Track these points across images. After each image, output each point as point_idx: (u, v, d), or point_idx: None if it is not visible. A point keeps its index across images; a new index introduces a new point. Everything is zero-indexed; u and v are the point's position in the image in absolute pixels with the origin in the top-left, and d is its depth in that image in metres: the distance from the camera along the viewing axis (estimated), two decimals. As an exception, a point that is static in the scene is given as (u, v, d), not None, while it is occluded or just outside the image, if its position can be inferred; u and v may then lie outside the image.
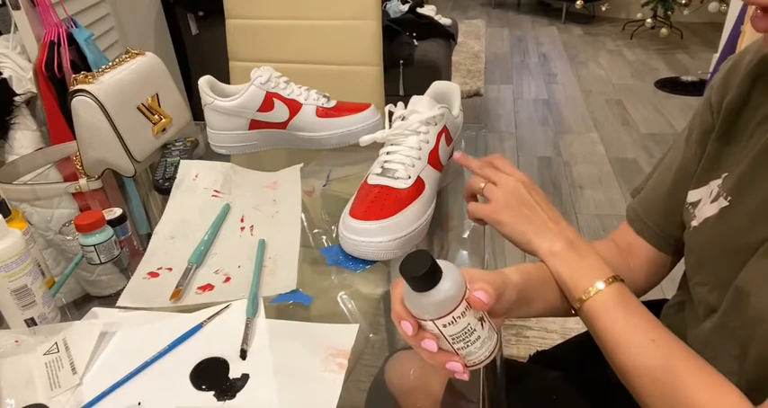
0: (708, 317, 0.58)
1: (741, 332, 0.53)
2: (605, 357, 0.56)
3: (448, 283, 0.44)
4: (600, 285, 0.56)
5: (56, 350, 0.61)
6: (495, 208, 0.65)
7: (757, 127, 0.56)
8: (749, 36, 2.11)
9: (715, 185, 0.59)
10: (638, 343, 0.53)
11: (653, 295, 0.73)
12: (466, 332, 0.46)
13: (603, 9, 4.84)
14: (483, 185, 0.67)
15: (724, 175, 0.58)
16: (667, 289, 0.77)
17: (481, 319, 0.48)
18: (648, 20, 4.28)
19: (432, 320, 0.45)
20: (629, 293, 0.57)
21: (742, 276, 0.53)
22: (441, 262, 0.45)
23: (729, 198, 0.56)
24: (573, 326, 1.60)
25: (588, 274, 0.58)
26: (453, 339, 0.47)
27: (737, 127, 0.58)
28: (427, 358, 0.49)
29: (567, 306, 0.61)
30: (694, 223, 0.60)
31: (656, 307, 0.74)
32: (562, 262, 0.60)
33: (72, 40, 1.58)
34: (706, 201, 0.59)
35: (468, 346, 0.47)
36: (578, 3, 4.54)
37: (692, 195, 0.62)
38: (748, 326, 0.52)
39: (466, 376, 0.49)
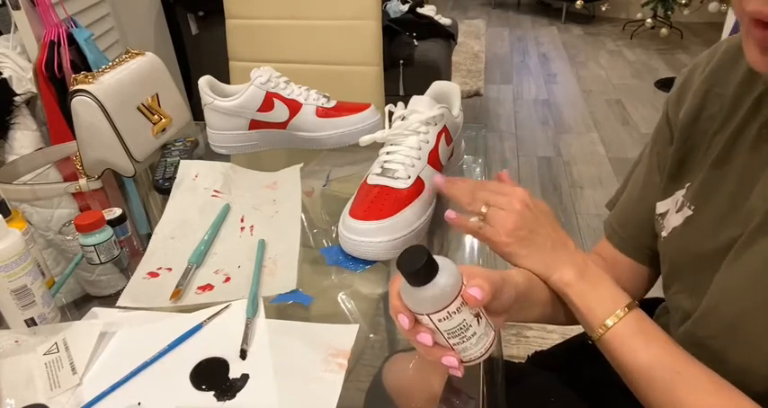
0: (682, 324, 0.59)
1: (712, 341, 0.53)
2: (628, 387, 0.54)
3: (443, 279, 0.45)
4: (617, 314, 0.55)
5: (56, 350, 0.61)
6: (504, 241, 0.60)
7: (713, 136, 0.57)
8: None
9: (680, 195, 0.60)
10: (662, 377, 0.51)
11: (652, 292, 0.73)
12: (461, 328, 0.47)
13: (603, 9, 4.83)
14: (484, 210, 0.63)
15: (687, 185, 0.59)
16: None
17: (477, 315, 0.48)
18: (648, 20, 4.28)
19: (427, 314, 0.46)
20: (647, 319, 0.55)
21: (713, 287, 0.53)
22: (438, 258, 0.46)
23: (693, 207, 0.57)
24: (572, 326, 1.59)
25: (603, 305, 0.56)
26: (449, 334, 0.47)
27: (694, 138, 0.59)
28: (423, 352, 0.49)
29: (572, 315, 0.61)
30: (664, 233, 0.61)
31: (650, 306, 0.74)
32: (576, 294, 0.58)
33: (72, 40, 1.58)
34: (672, 212, 0.60)
35: (463, 342, 0.48)
36: (578, 3, 4.54)
37: (660, 206, 0.63)
38: (720, 336, 0.52)
39: (459, 373, 0.48)
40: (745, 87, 0.55)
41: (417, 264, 0.44)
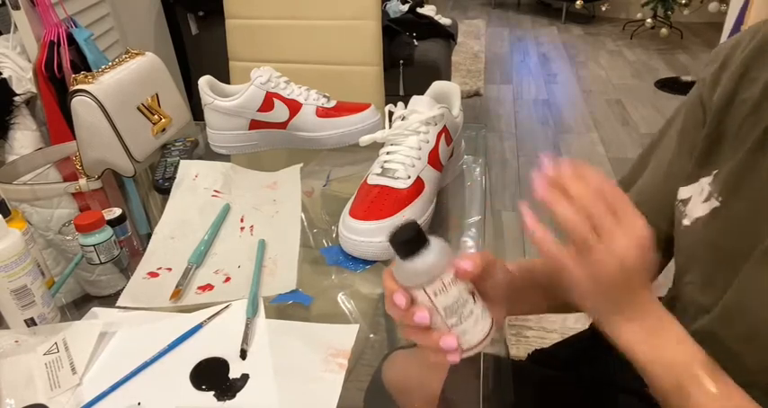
0: (699, 318, 0.57)
1: (734, 341, 0.52)
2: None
3: (435, 247, 0.45)
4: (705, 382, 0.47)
5: (56, 350, 0.61)
6: (593, 289, 0.47)
7: (745, 123, 0.55)
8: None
9: (705, 183, 0.58)
10: None
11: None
12: (458, 304, 0.46)
13: (603, 9, 4.84)
14: (590, 238, 0.45)
15: (714, 172, 0.57)
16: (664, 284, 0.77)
17: (473, 294, 0.48)
18: (648, 20, 4.28)
19: (422, 288, 0.45)
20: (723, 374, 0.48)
21: (737, 287, 0.52)
22: (429, 237, 0.47)
23: (720, 198, 0.55)
24: (572, 326, 1.60)
25: (680, 371, 0.48)
26: (446, 312, 0.46)
27: (726, 123, 0.57)
28: (421, 340, 0.48)
29: (567, 303, 0.61)
30: (686, 221, 0.59)
31: None
32: (645, 355, 0.48)
33: (72, 40, 1.58)
34: (697, 200, 0.58)
35: (461, 322, 0.47)
36: (578, 3, 4.54)
37: (683, 192, 0.60)
38: (746, 338, 0.51)
39: (457, 357, 0.47)
40: None
41: (408, 234, 0.44)
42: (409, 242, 0.45)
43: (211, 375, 0.58)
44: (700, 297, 0.57)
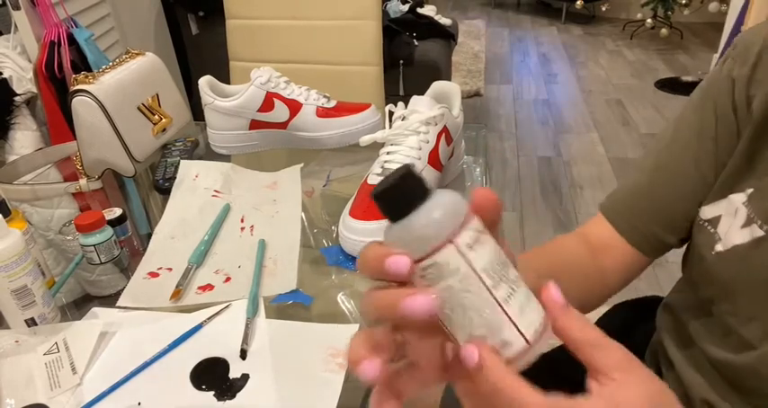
0: (744, 351, 0.54)
1: None
2: None
3: (444, 191, 0.31)
4: None
5: (56, 350, 0.61)
6: None
7: None
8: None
9: (738, 202, 0.51)
10: None
11: (651, 291, 0.73)
12: (501, 263, 0.30)
13: (603, 9, 4.84)
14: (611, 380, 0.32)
15: (749, 191, 0.50)
16: (664, 283, 0.76)
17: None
18: (648, 20, 4.28)
19: (450, 240, 0.29)
20: None
21: None
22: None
23: (766, 228, 0.49)
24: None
25: None
26: (488, 274, 0.30)
27: (765, 139, 0.50)
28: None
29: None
30: (719, 247, 0.53)
31: (650, 306, 0.73)
32: None
33: (72, 40, 1.58)
34: (733, 223, 0.52)
35: (514, 292, 0.30)
36: (578, 3, 4.54)
37: (708, 211, 0.54)
38: None
39: (532, 356, 0.31)
40: None
41: (409, 182, 0.30)
42: (413, 189, 0.30)
43: (211, 375, 0.58)
44: (742, 330, 0.53)
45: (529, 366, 0.31)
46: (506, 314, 0.30)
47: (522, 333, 0.30)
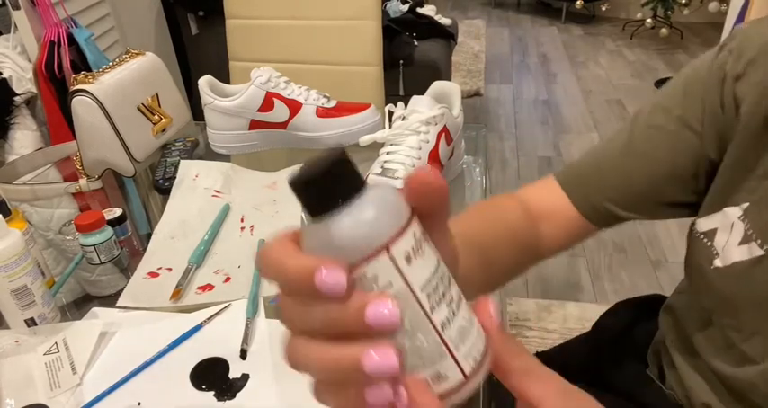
0: (745, 366, 0.53)
1: None
2: None
3: (382, 186, 0.25)
4: None
5: (56, 350, 0.61)
6: None
7: None
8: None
9: (734, 217, 0.50)
10: None
11: (653, 290, 0.72)
12: (442, 278, 0.25)
13: (603, 9, 4.83)
14: None
15: (744, 205, 0.49)
16: (665, 283, 0.76)
17: (443, 263, 0.27)
18: (648, 20, 4.28)
19: (385, 248, 0.23)
20: None
21: None
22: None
23: (766, 247, 0.48)
24: (573, 326, 1.60)
25: None
26: (427, 294, 0.24)
27: (758, 148, 0.47)
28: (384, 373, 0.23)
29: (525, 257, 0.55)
30: (718, 263, 0.52)
31: (651, 306, 0.73)
32: None
33: (72, 40, 1.58)
34: (730, 239, 0.51)
35: (455, 314, 0.25)
36: (578, 3, 4.54)
37: (703, 223, 0.54)
38: None
39: (466, 391, 0.26)
40: None
41: (340, 169, 0.24)
42: (346, 176, 0.24)
43: (211, 375, 0.58)
44: (744, 345, 0.53)
45: (462, 402, 0.26)
46: (444, 342, 0.25)
47: (459, 365, 0.25)
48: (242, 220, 0.84)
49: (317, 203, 0.24)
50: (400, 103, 0.81)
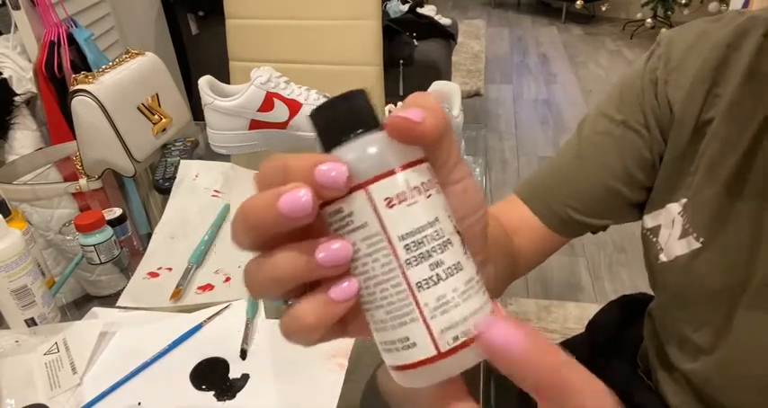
0: (699, 358, 0.55)
1: (739, 394, 0.51)
2: None
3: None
4: None
5: (56, 350, 0.61)
6: None
7: (707, 149, 0.49)
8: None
9: (675, 212, 0.52)
10: None
11: (650, 290, 0.72)
12: (440, 237, 0.23)
13: (603, 9, 4.84)
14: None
15: (683, 201, 0.52)
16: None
17: (457, 230, 0.24)
18: (648, 20, 4.28)
19: (365, 187, 0.23)
20: None
21: (736, 337, 0.50)
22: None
23: (702, 239, 0.50)
24: (573, 326, 1.60)
25: None
26: (408, 246, 0.23)
27: (693, 145, 0.50)
28: (317, 312, 0.23)
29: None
30: (663, 257, 0.54)
31: (645, 303, 0.73)
32: None
33: (72, 40, 1.58)
34: (671, 234, 0.53)
35: (441, 279, 0.23)
36: (578, 3, 4.54)
37: (649, 220, 0.56)
38: (753, 393, 0.50)
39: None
40: (748, 92, 0.47)
41: (359, 105, 0.26)
42: (364, 113, 0.25)
43: (211, 375, 0.58)
44: (694, 336, 0.54)
45: (433, 383, 0.23)
46: (416, 303, 0.23)
47: (432, 336, 0.22)
48: (242, 220, 0.83)
49: (330, 134, 0.26)
50: (400, 103, 0.81)
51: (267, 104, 0.96)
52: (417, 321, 0.23)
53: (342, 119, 0.25)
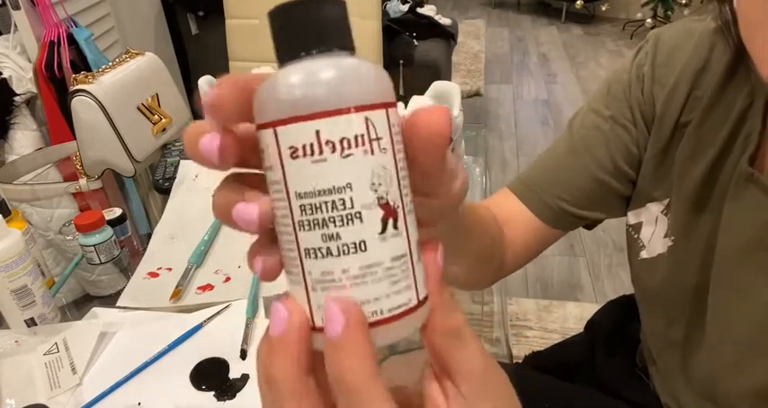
0: (670, 351, 0.57)
1: (715, 381, 0.52)
2: None
3: (375, 65, 0.22)
4: None
5: (56, 350, 0.61)
6: None
7: (682, 151, 0.50)
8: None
9: (658, 212, 0.54)
10: None
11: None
12: (340, 207, 0.20)
13: (603, 9, 4.83)
14: None
15: (665, 201, 0.53)
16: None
17: (380, 207, 0.20)
18: (648, 20, 4.28)
19: (271, 124, 0.21)
20: None
21: (711, 322, 0.51)
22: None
23: (674, 238, 0.52)
24: (573, 326, 1.60)
25: None
26: (305, 205, 0.20)
27: (674, 146, 0.51)
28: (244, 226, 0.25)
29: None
30: (645, 254, 0.56)
31: (631, 305, 0.73)
32: None
33: (72, 40, 1.58)
34: (653, 231, 0.55)
35: (329, 254, 0.20)
36: (578, 3, 4.54)
37: (632, 217, 0.57)
38: (735, 363, 0.50)
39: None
40: (722, 99, 0.48)
41: (331, 16, 0.21)
42: (336, 25, 0.21)
43: (211, 375, 0.58)
44: (667, 331, 0.56)
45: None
46: (302, 267, 0.21)
47: (309, 305, 0.21)
48: (242, 220, 0.84)
49: (280, 43, 0.21)
50: (400, 103, 0.81)
51: (267, 104, 0.96)
52: (301, 285, 0.21)
53: (308, 29, 0.20)
